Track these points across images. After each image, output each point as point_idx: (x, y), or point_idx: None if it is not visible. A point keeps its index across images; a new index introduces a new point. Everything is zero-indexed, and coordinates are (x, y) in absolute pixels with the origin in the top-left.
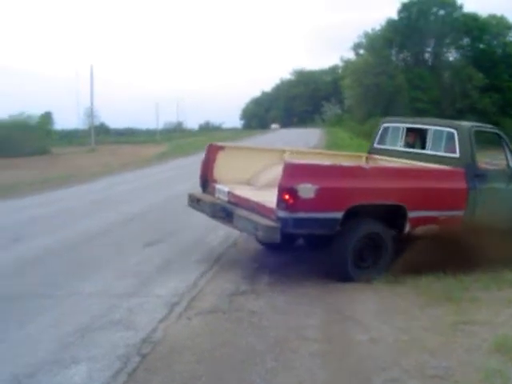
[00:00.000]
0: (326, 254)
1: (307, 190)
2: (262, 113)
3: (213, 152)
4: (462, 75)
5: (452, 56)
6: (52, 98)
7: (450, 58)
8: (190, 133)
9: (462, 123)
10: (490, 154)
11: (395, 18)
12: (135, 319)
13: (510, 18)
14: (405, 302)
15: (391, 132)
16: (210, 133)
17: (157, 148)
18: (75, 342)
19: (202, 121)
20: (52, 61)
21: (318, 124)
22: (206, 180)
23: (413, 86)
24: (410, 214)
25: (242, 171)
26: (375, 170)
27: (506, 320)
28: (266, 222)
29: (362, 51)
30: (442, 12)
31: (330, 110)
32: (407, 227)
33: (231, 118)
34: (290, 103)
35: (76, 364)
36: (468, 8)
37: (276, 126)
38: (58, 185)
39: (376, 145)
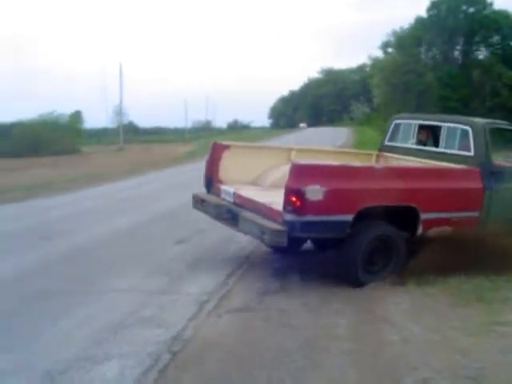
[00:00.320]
0: (335, 258)
1: (315, 192)
2: (290, 112)
3: (218, 151)
4: (491, 73)
5: (482, 54)
6: (82, 97)
7: (480, 56)
8: (219, 131)
9: (477, 120)
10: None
11: (424, 15)
12: (166, 317)
13: None
14: (435, 302)
15: (403, 129)
16: (238, 131)
17: (185, 147)
18: (107, 339)
19: (230, 119)
20: (81, 60)
21: (347, 123)
22: (211, 180)
23: (442, 84)
24: (423, 215)
25: (248, 171)
26: (386, 170)
27: None
28: (273, 225)
29: (390, 49)
30: (471, 9)
31: (358, 108)
32: (420, 229)
33: (259, 117)
34: (318, 102)
35: (108, 361)
36: (498, 5)
37: (304, 125)
38: (88, 183)
39: (387, 142)
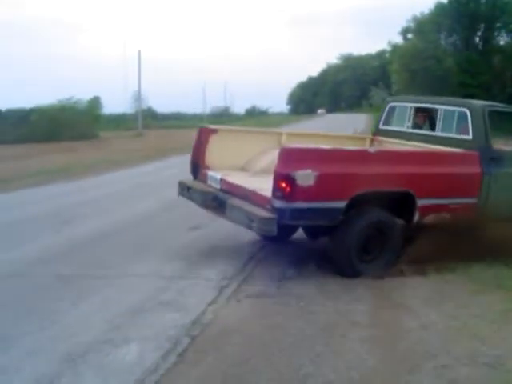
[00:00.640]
0: (328, 247)
1: (306, 177)
2: (309, 98)
3: (204, 135)
4: None
5: (503, 40)
6: (100, 83)
7: (501, 42)
8: (237, 117)
9: (475, 102)
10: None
11: (444, 1)
12: (185, 301)
13: None
14: (455, 289)
15: (398, 112)
16: (256, 117)
17: None
18: (126, 323)
19: (248, 105)
20: (100, 45)
21: (365, 109)
22: (197, 166)
23: (462, 70)
24: (419, 201)
25: (237, 156)
26: (381, 154)
27: None
28: (261, 212)
29: (410, 35)
30: None
31: (378, 94)
32: (416, 216)
33: (278, 103)
34: (336, 88)
35: (127, 344)
36: None
37: (322, 111)
38: (106, 168)
39: (381, 126)
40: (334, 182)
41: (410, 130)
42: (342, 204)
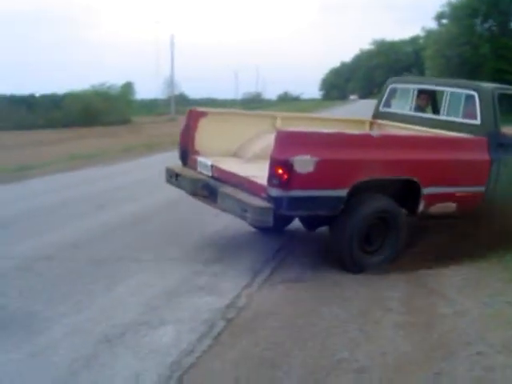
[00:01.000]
0: (327, 237)
1: (305, 163)
2: (342, 83)
3: (194, 119)
4: None
5: None
6: (132, 68)
7: None
8: (269, 103)
9: (484, 84)
10: None
11: None
12: (220, 285)
13: None
14: (490, 276)
15: (400, 94)
16: (288, 103)
17: None
18: (162, 306)
19: (280, 91)
20: (133, 30)
21: None
22: (187, 152)
23: (498, 56)
24: (425, 190)
25: (228, 141)
26: (385, 138)
27: None
28: (256, 201)
29: (444, 21)
30: None
31: None
32: (421, 205)
33: (310, 89)
34: (369, 74)
35: (163, 326)
36: None
37: (355, 97)
38: (141, 153)
39: (382, 108)
40: (334, 169)
41: (412, 113)
42: (343, 192)
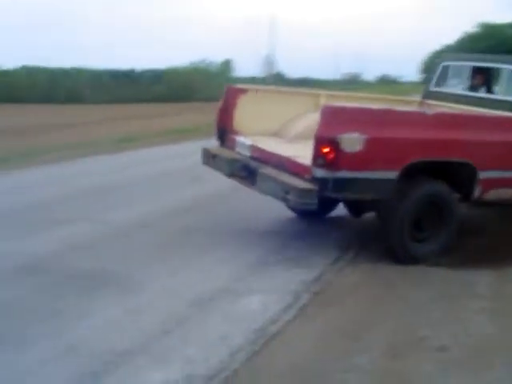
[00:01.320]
0: (378, 224)
1: (353, 142)
2: None
3: (233, 96)
4: None
5: None
6: (232, 45)
7: None
8: (367, 84)
9: None
10: None
11: None
12: (307, 258)
13: None
14: None
15: (452, 72)
16: (387, 85)
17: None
18: (249, 275)
19: (379, 73)
20: (233, 7)
21: None
22: (225, 131)
23: None
24: (481, 174)
25: (269, 120)
26: (440, 116)
27: None
28: (300, 183)
29: None
30: None
31: None
32: (477, 191)
33: (409, 72)
34: None
35: (251, 295)
36: None
37: None
38: None
39: (433, 88)
40: (385, 149)
41: (466, 93)
42: (393, 174)
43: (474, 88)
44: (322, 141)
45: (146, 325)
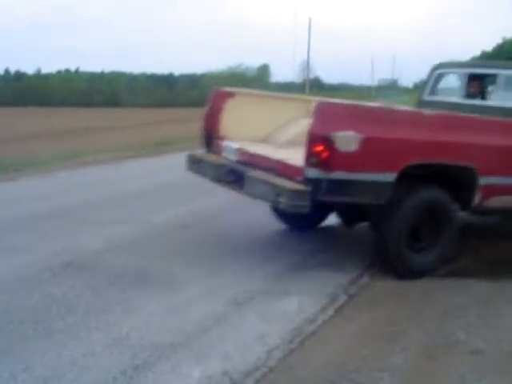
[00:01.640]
0: (372, 232)
1: (348, 140)
2: None
3: (219, 100)
4: None
5: None
6: (269, 50)
7: None
8: (405, 90)
9: None
10: None
11: None
12: (343, 262)
13: None
14: None
15: (447, 80)
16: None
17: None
18: (287, 277)
19: (417, 79)
20: (270, 12)
21: None
22: (211, 136)
23: None
24: (482, 179)
25: (258, 126)
26: (439, 117)
27: None
28: (291, 184)
29: None
30: None
31: None
32: (476, 198)
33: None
34: None
35: (287, 296)
36: None
37: None
38: None
39: (426, 97)
40: (381, 149)
41: (461, 101)
42: (390, 177)
43: (468, 96)
44: (315, 138)
45: (184, 323)
